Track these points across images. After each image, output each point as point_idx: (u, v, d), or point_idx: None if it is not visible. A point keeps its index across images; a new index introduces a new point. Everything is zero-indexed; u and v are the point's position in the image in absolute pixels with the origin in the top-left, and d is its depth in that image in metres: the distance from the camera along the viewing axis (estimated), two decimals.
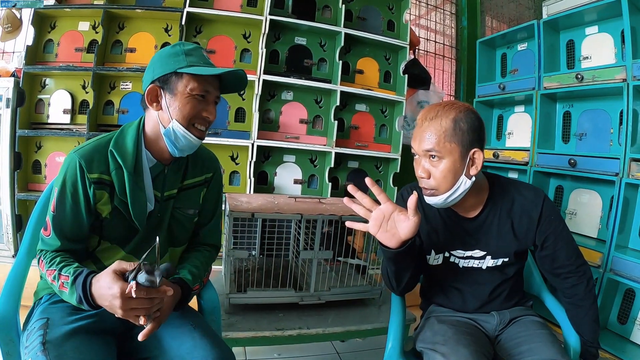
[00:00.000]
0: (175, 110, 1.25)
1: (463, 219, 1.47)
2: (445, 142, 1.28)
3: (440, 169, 1.31)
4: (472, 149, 1.30)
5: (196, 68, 1.24)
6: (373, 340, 2.35)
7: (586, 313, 1.46)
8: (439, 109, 1.32)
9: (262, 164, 2.94)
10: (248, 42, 2.91)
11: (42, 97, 2.80)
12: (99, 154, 1.24)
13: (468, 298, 1.54)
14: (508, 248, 1.46)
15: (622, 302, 2.31)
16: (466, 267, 1.50)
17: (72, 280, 1.10)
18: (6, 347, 1.28)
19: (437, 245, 1.50)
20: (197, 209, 1.45)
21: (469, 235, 1.47)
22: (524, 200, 1.44)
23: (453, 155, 1.29)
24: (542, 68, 2.85)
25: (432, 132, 1.30)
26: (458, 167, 1.30)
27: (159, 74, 1.25)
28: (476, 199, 1.43)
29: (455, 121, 1.29)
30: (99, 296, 1.06)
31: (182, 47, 1.28)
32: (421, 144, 1.32)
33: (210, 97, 1.29)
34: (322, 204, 2.09)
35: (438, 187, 1.33)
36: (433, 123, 1.30)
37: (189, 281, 1.30)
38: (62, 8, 2.76)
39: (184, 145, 1.28)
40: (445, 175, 1.31)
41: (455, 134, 1.28)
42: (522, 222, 1.44)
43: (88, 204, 1.22)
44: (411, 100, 3.46)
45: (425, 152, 1.32)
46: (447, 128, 1.28)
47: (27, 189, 2.76)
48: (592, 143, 2.62)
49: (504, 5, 4.62)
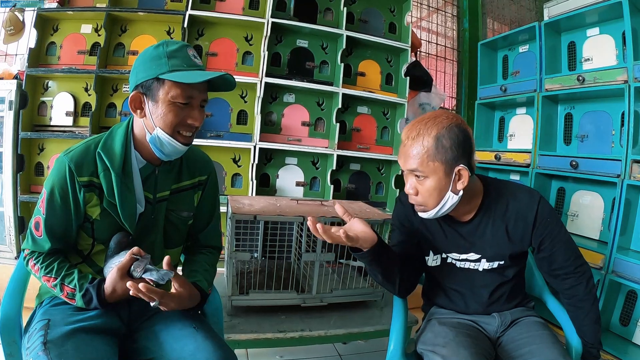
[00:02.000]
0: (158, 118, 1.21)
1: (457, 222, 1.47)
2: (429, 162, 1.29)
3: (426, 187, 1.32)
4: (457, 166, 1.30)
5: (178, 74, 1.18)
6: (375, 342, 2.35)
7: (587, 314, 1.45)
8: (420, 126, 1.31)
9: (264, 167, 2.94)
10: (250, 44, 2.91)
11: (44, 100, 2.82)
12: (88, 157, 1.23)
13: (469, 300, 1.53)
14: (502, 251, 1.46)
15: (624, 304, 2.30)
16: (463, 268, 1.50)
17: (82, 294, 1.19)
18: (8, 349, 1.29)
19: (434, 247, 1.51)
20: (191, 212, 1.44)
21: (464, 238, 1.47)
22: (518, 203, 1.44)
23: (437, 174, 1.30)
24: (543, 70, 2.84)
25: (414, 152, 1.30)
26: (443, 184, 1.31)
27: (141, 79, 1.21)
28: (469, 204, 1.43)
29: (438, 139, 1.28)
30: (116, 297, 1.18)
31: (165, 49, 1.21)
32: (405, 164, 1.34)
33: (195, 101, 1.24)
34: (324, 206, 2.09)
35: (426, 204, 1.35)
36: (415, 142, 1.30)
37: (204, 287, 1.33)
38: (65, 11, 2.78)
39: (170, 152, 1.26)
40: (431, 193, 1.32)
41: (438, 152, 1.28)
42: (517, 226, 1.43)
43: (77, 207, 1.23)
44: (413, 103, 3.46)
45: (409, 172, 1.34)
46: (429, 147, 1.28)
47: (30, 191, 2.77)
48: (593, 145, 2.62)
49: (505, 7, 4.62)
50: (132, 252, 1.17)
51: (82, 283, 1.19)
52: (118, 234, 1.27)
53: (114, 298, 1.19)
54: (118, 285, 1.17)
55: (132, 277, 1.17)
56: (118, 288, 1.17)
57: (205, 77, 1.20)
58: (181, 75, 1.18)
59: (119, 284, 1.16)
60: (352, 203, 2.36)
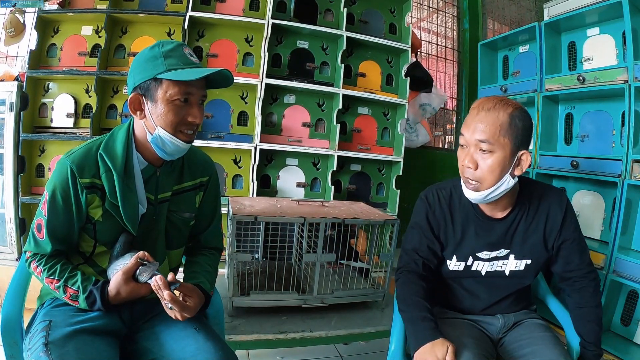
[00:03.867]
0: (159, 117, 1.22)
1: (492, 219, 1.45)
2: (500, 136, 1.26)
3: (489, 162, 1.28)
4: (522, 150, 1.29)
5: (175, 72, 1.19)
6: (376, 343, 2.34)
7: (589, 315, 1.45)
8: (496, 101, 1.30)
9: (265, 167, 2.94)
10: (250, 45, 2.92)
11: (45, 101, 2.82)
12: (90, 158, 1.24)
13: (478, 302, 1.53)
14: (533, 248, 1.45)
15: (625, 304, 2.30)
16: (489, 271, 1.48)
17: (86, 296, 1.19)
18: (10, 350, 1.29)
19: (461, 250, 1.48)
20: (193, 213, 1.45)
21: (497, 235, 1.45)
22: (549, 202, 1.44)
23: (504, 151, 1.27)
24: (543, 70, 2.84)
25: (488, 122, 1.27)
26: (506, 164, 1.28)
27: (138, 80, 1.22)
28: (509, 199, 1.42)
29: (512, 117, 1.27)
30: (119, 300, 1.20)
31: (161, 49, 1.22)
32: (474, 133, 1.29)
33: (194, 98, 1.24)
34: (324, 207, 2.09)
35: (482, 181, 1.31)
36: (490, 114, 1.28)
37: (207, 289, 1.33)
38: (65, 12, 2.78)
39: (173, 150, 1.26)
40: (493, 170, 1.29)
41: (511, 130, 1.26)
42: (548, 224, 1.43)
43: (79, 208, 1.23)
44: (413, 103, 3.47)
45: (477, 142, 1.29)
46: (504, 122, 1.26)
47: (31, 193, 2.77)
48: (594, 145, 2.62)
49: (505, 8, 4.62)
50: (139, 256, 1.18)
51: (86, 285, 1.20)
52: (124, 234, 1.28)
53: (118, 300, 1.19)
54: (122, 288, 1.17)
55: (137, 282, 1.18)
56: (122, 291, 1.18)
57: (202, 74, 1.20)
58: (178, 74, 1.19)
59: (124, 287, 1.17)
60: (353, 204, 2.36)
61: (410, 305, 1.37)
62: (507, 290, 1.52)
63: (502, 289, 1.51)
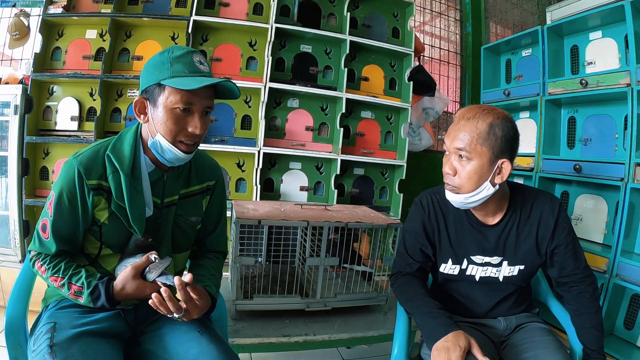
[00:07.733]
0: (159, 124, 1.21)
1: (484, 225, 1.47)
2: (477, 145, 1.29)
3: (467, 169, 1.32)
4: (502, 159, 1.31)
5: (176, 80, 1.17)
6: (379, 346, 2.34)
7: (589, 321, 1.44)
8: (478, 110, 1.33)
9: (268, 171, 2.95)
10: (254, 50, 2.93)
11: (49, 104, 2.83)
12: (97, 160, 1.24)
13: (477, 305, 1.54)
14: (526, 255, 1.46)
15: (629, 308, 2.30)
16: (482, 277, 1.49)
17: (90, 291, 1.18)
18: (14, 352, 1.30)
19: (456, 253, 1.49)
20: (199, 217, 1.45)
21: (489, 241, 1.47)
22: (541, 208, 1.45)
23: (482, 159, 1.30)
24: (546, 74, 2.85)
25: (466, 131, 1.30)
26: (485, 171, 1.31)
27: (145, 84, 1.22)
28: (498, 205, 1.44)
29: (492, 126, 1.29)
30: (123, 296, 1.19)
31: (170, 55, 1.21)
32: (453, 142, 1.33)
33: (196, 108, 1.21)
34: (328, 211, 2.10)
35: (461, 187, 1.34)
36: (469, 123, 1.31)
37: (213, 292, 1.33)
38: (70, 16, 2.80)
39: (172, 158, 1.25)
40: (470, 177, 1.32)
41: (489, 138, 1.29)
42: (540, 229, 1.44)
43: (85, 210, 1.22)
44: (416, 107, 3.46)
45: (455, 150, 1.33)
46: (482, 131, 1.29)
47: (35, 195, 2.78)
48: (597, 148, 2.62)
49: (508, 11, 4.63)
50: (150, 254, 1.19)
51: (90, 280, 1.19)
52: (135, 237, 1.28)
53: (122, 296, 1.18)
54: (129, 283, 1.17)
55: (145, 279, 1.18)
56: (128, 287, 1.17)
57: (201, 84, 1.17)
58: (179, 82, 1.17)
59: (130, 283, 1.17)
60: (356, 208, 2.36)
61: (417, 303, 1.40)
62: (503, 292, 1.52)
63: (498, 291, 1.52)
